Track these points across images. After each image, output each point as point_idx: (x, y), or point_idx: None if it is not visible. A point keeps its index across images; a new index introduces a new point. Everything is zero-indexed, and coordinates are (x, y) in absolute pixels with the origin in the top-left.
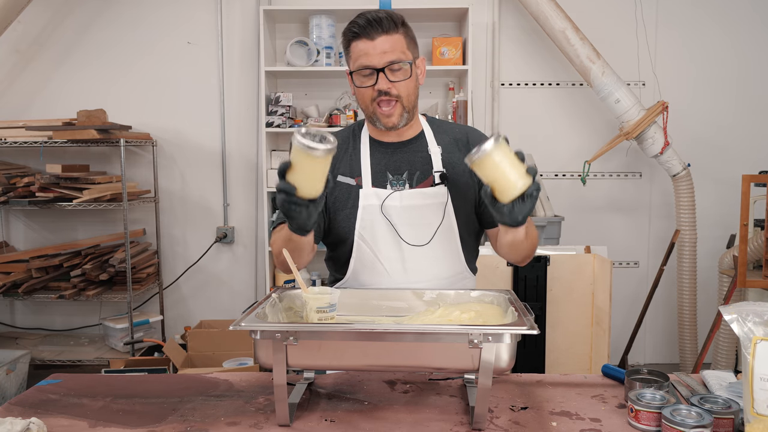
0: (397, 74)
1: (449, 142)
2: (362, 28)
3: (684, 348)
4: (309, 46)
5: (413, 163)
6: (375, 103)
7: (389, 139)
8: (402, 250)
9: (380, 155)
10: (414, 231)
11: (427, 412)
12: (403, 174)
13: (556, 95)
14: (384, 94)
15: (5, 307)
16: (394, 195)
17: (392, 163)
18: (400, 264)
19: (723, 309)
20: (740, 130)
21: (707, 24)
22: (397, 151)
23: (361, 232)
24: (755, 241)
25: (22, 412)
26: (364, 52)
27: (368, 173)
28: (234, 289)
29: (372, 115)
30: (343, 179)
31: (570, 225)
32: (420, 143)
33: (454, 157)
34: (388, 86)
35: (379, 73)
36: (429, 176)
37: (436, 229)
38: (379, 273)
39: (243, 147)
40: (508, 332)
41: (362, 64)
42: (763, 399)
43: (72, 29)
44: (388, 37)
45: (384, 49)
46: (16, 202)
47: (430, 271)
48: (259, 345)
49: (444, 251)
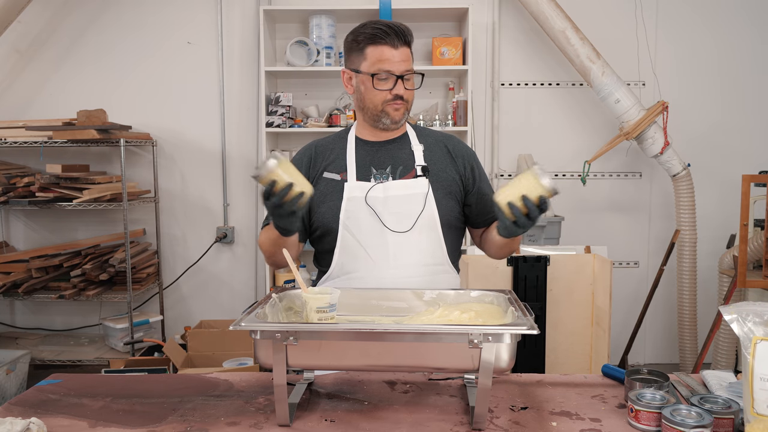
0: (410, 83)
1: (431, 143)
2: (387, 35)
3: (684, 348)
4: (309, 46)
5: (396, 158)
6: (386, 104)
7: (375, 138)
8: (385, 237)
9: (365, 153)
10: (397, 219)
11: (427, 412)
12: (387, 168)
13: (556, 95)
14: (399, 99)
15: (5, 307)
16: (378, 186)
17: (376, 159)
18: (384, 250)
19: (723, 309)
20: (740, 130)
21: (707, 24)
22: (381, 148)
23: (345, 221)
24: (755, 241)
25: (22, 412)
26: (387, 57)
27: (353, 168)
28: (234, 289)
29: (380, 113)
30: (329, 175)
31: (570, 225)
32: (403, 141)
33: (436, 156)
34: (404, 92)
35: (398, 79)
36: (412, 170)
37: (417, 216)
38: (364, 260)
39: (243, 147)
40: (508, 332)
41: (384, 69)
42: (763, 399)
43: (72, 29)
44: (405, 48)
45: (403, 59)
46: (16, 202)
47: (413, 258)
48: (259, 345)
49: (426, 239)
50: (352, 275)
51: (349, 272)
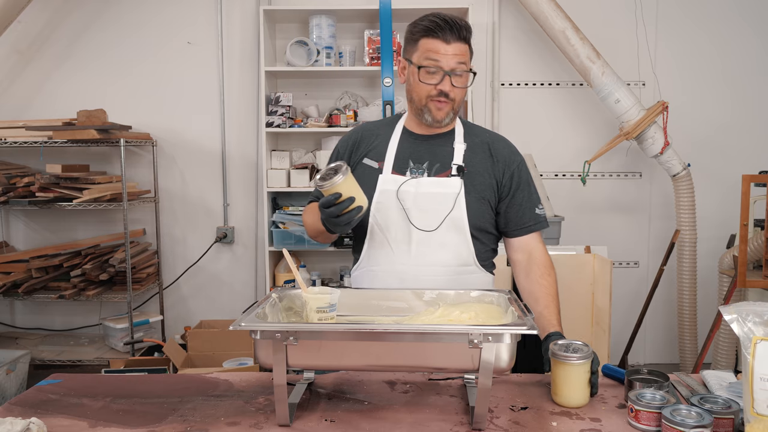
0: (459, 80)
1: (476, 143)
2: (441, 29)
3: (684, 348)
4: (309, 46)
5: (436, 154)
6: (430, 99)
7: (421, 132)
8: (410, 234)
9: (407, 144)
10: (424, 216)
11: (427, 412)
12: (424, 164)
13: (556, 95)
14: (443, 95)
15: (5, 307)
16: (411, 181)
17: (416, 153)
18: (406, 247)
19: (723, 309)
20: (740, 130)
21: (707, 24)
22: (424, 142)
23: (375, 214)
24: (755, 241)
25: (22, 412)
26: (438, 51)
27: (391, 159)
28: (234, 289)
29: (423, 107)
30: (368, 162)
31: (570, 225)
32: (448, 138)
33: (477, 157)
34: (449, 89)
35: (445, 75)
36: (448, 168)
37: (445, 216)
38: (387, 255)
39: (243, 147)
40: (508, 332)
41: (433, 62)
42: (763, 399)
43: (72, 29)
44: (460, 44)
45: (455, 54)
46: (16, 202)
47: (435, 257)
48: (259, 345)
49: (451, 240)
50: (375, 268)
51: (374, 265)
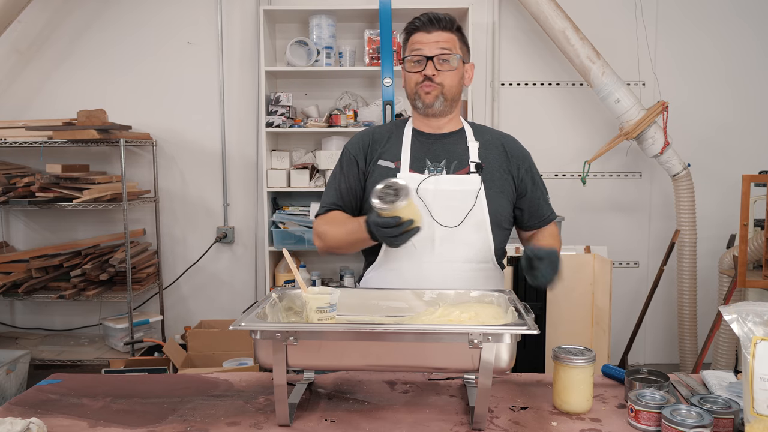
0: (444, 65)
1: (488, 141)
2: (422, 23)
3: (684, 348)
4: (309, 46)
5: (452, 153)
6: (418, 86)
7: (430, 130)
8: (434, 231)
9: (420, 144)
10: (446, 213)
11: (427, 412)
12: (441, 162)
13: (556, 95)
14: (428, 80)
15: (5, 307)
16: (430, 179)
17: (432, 152)
18: (430, 244)
19: (723, 309)
20: (740, 130)
21: (707, 24)
22: (438, 141)
23: None
24: (755, 241)
25: (22, 412)
26: (421, 41)
27: (407, 158)
28: (234, 289)
29: (414, 96)
30: (384, 163)
31: (570, 225)
32: (460, 137)
33: (492, 154)
34: (433, 72)
35: (428, 60)
36: (465, 166)
37: (467, 212)
38: (409, 252)
39: (243, 147)
40: (508, 332)
41: (417, 51)
42: (763, 399)
43: (72, 29)
44: (443, 33)
45: (437, 41)
46: (16, 202)
47: (458, 254)
48: (259, 345)
49: (474, 236)
50: (396, 267)
51: (392, 264)
